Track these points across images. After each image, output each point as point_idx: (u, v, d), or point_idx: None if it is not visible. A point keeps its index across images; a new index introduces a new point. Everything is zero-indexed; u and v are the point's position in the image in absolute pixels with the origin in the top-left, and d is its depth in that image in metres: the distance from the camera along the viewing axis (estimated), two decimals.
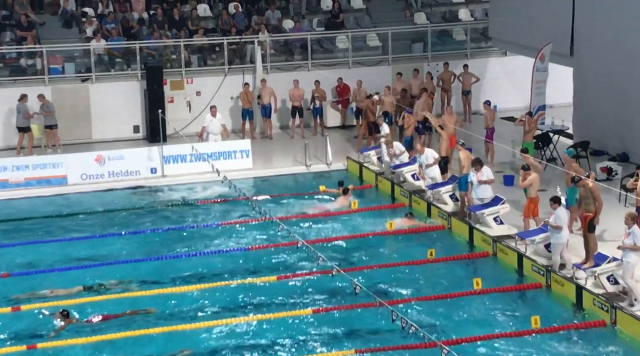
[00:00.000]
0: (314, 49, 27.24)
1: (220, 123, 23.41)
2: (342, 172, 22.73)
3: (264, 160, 23.62)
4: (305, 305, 15.01)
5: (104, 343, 13.71)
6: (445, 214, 18.73)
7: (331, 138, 23.48)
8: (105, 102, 24.86)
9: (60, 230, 18.85)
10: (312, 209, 19.88)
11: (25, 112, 23.28)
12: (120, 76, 25.68)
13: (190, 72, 26.13)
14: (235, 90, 25.79)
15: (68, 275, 16.35)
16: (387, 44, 27.51)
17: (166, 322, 14.40)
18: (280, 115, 26.35)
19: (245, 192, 18.42)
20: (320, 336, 13.98)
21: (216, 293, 15.55)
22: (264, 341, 13.86)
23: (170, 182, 22.14)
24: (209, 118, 23.43)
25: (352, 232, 18.56)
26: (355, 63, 27.33)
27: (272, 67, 26.71)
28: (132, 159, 22.21)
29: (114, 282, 15.87)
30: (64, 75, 25.24)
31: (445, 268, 16.67)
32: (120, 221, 19.46)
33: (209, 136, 23.31)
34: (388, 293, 15.40)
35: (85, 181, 21.79)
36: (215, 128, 23.35)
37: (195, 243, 17.98)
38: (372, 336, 13.91)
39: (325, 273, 14.95)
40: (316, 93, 25.71)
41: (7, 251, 17.66)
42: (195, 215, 19.78)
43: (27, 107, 23.32)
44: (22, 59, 25.26)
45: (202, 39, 26.79)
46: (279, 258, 17.10)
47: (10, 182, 21.27)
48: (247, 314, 14.68)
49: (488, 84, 27.24)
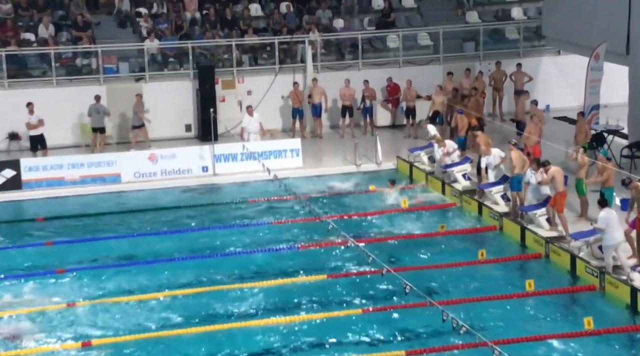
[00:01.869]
0: (364, 48, 27.22)
1: (257, 122, 23.49)
2: (392, 171, 22.67)
3: (313, 159, 23.68)
4: (355, 305, 15.02)
5: (155, 340, 13.86)
6: (496, 214, 18.58)
7: (381, 137, 23.44)
8: (158, 101, 25.15)
9: (113, 227, 19.12)
10: (362, 208, 19.87)
11: (103, 112, 23.65)
12: (172, 75, 25.97)
13: (241, 71, 26.31)
14: (285, 89, 25.89)
15: (120, 271, 16.59)
16: (438, 42, 27.36)
17: (216, 320, 14.51)
18: (330, 114, 26.39)
19: (295, 190, 18.50)
20: (370, 336, 13.98)
21: (266, 292, 15.63)
22: (313, 340, 13.89)
23: (221, 180, 22.32)
24: (247, 119, 23.54)
25: (402, 231, 18.52)
26: (406, 62, 27.24)
27: (322, 66, 26.75)
28: (183, 157, 22.44)
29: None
30: (118, 74, 25.61)
31: (496, 268, 16.55)
32: (172, 219, 19.67)
33: (250, 135, 23.43)
34: (438, 293, 15.33)
35: (138, 179, 22.07)
36: (254, 127, 23.47)
37: (245, 241, 18.10)
38: (422, 336, 13.88)
39: (375, 272, 14.93)
40: (366, 93, 25.69)
41: (62, 247, 17.95)
42: (245, 214, 19.91)
43: (103, 107, 23.64)
44: (77, 58, 25.69)
45: (253, 38, 26.95)
46: (329, 257, 17.13)
47: (66, 180, 21.65)
48: (296, 313, 14.73)
49: (541, 83, 26.93)
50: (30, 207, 20.81)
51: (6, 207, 20.77)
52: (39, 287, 15.85)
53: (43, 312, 14.87)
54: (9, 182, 21.24)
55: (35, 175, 21.44)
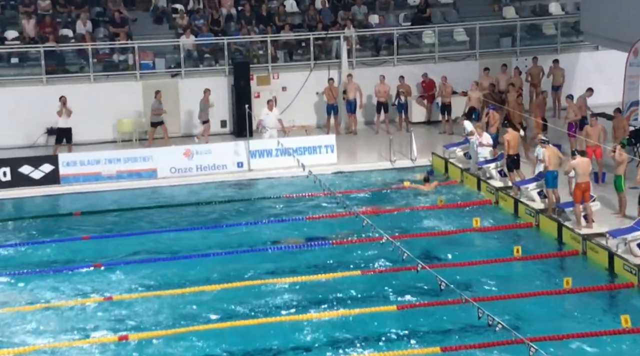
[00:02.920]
0: (399, 44, 27.13)
1: (276, 118, 23.37)
2: (427, 168, 22.57)
3: (348, 155, 23.65)
4: (390, 301, 14.98)
5: (190, 334, 13.94)
6: (532, 211, 18.42)
7: (416, 133, 23.35)
8: (194, 96, 25.26)
9: (149, 222, 19.25)
10: (395, 204, 19.81)
11: (156, 109, 23.82)
12: (208, 71, 26.07)
13: (276, 67, 26.36)
14: (320, 85, 25.88)
15: (156, 266, 16.70)
16: (475, 38, 27.18)
17: (250, 315, 14.55)
18: (365, 110, 26.34)
19: (329, 186, 18.50)
20: (405, 333, 13.94)
21: (299, 287, 15.65)
22: (348, 336, 13.88)
23: (255, 176, 22.39)
24: (265, 112, 23.48)
25: (436, 227, 18.44)
26: (442, 58, 27.10)
27: (358, 62, 26.70)
28: (219, 153, 22.55)
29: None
30: (154, 70, 25.77)
31: (533, 265, 16.41)
32: (206, 214, 19.76)
33: (264, 129, 23.39)
34: (473, 289, 15.25)
35: (174, 174, 22.21)
36: (271, 121, 23.43)
37: (279, 236, 18.13)
38: (457, 333, 13.81)
39: (409, 269, 14.86)
40: (401, 89, 25.60)
41: (99, 242, 18.11)
42: (279, 209, 19.95)
43: (158, 103, 23.86)
44: (114, 54, 25.90)
45: (289, 34, 26.98)
46: (363, 252, 17.11)
47: (103, 175, 21.85)
48: (330, 309, 14.74)
49: (578, 78, 26.61)
50: (67, 201, 21.03)
51: (44, 201, 21.02)
52: (76, 281, 16.01)
53: (80, 306, 15.02)
54: (47, 177, 21.49)
55: (72, 170, 21.66)
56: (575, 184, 17.19)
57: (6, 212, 20.34)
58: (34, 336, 13.96)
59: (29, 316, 14.65)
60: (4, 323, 14.37)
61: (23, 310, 14.83)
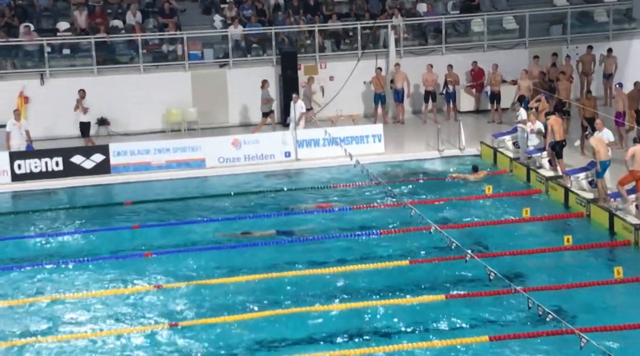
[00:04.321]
0: (447, 32, 26.92)
1: (298, 111, 23.17)
2: (475, 157, 22.41)
3: (395, 145, 23.58)
4: (438, 291, 14.91)
5: (238, 323, 14.02)
6: (583, 200, 18.17)
7: (464, 122, 23.17)
8: (242, 86, 25.41)
9: (198, 212, 19.40)
10: (444, 194, 19.70)
11: (266, 98, 24.06)
12: (255, 61, 26.17)
13: (323, 56, 26.35)
14: (367, 74, 25.83)
15: (205, 254, 16.83)
16: (524, 26, 26.86)
17: (298, 304, 14.59)
18: (413, 99, 26.22)
19: (377, 176, 18.42)
20: (453, 322, 13.86)
21: (348, 276, 15.65)
22: (396, 325, 13.85)
23: (303, 166, 22.44)
24: (292, 104, 23.41)
25: (485, 217, 18.30)
26: (490, 46, 26.84)
27: (405, 51, 26.58)
28: (266, 143, 22.64)
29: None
30: (202, 60, 25.95)
31: (584, 255, 16.20)
32: (255, 203, 19.85)
33: (289, 120, 23.33)
34: (523, 279, 15.10)
35: (222, 164, 22.37)
36: (292, 114, 23.33)
37: (326, 226, 18.15)
38: (506, 323, 13.69)
39: (458, 258, 14.78)
40: (449, 78, 25.42)
41: (149, 231, 18.30)
42: (327, 199, 19.96)
43: (267, 93, 24.06)
44: (163, 44, 26.14)
45: (336, 24, 26.93)
46: (411, 242, 17.04)
47: (152, 164, 22.09)
48: (377, 298, 14.71)
49: (631, 66, 26.16)
50: (118, 191, 21.31)
51: (95, 190, 21.34)
52: (126, 270, 16.21)
53: (131, 294, 15.21)
54: (98, 167, 21.80)
55: (123, 160, 21.94)
56: (631, 171, 16.91)
57: (58, 201, 20.68)
58: (86, 324, 14.18)
59: (81, 304, 14.88)
60: (57, 311, 14.61)
61: (74, 298, 15.06)
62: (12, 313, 14.57)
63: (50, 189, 21.31)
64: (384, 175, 20.83)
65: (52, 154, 21.74)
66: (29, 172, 21.50)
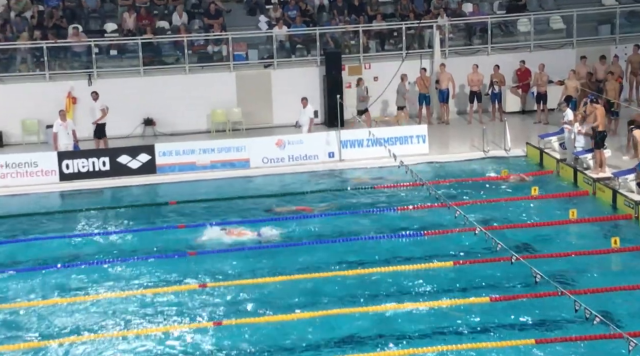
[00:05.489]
0: (493, 32, 26.69)
1: (308, 116, 23.13)
2: (521, 158, 22.18)
3: (440, 145, 23.44)
4: (482, 292, 14.78)
5: (281, 323, 14.05)
6: (631, 202, 17.88)
7: (510, 123, 22.95)
8: (286, 87, 25.46)
9: (241, 212, 19.46)
10: (489, 195, 19.52)
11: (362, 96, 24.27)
12: (300, 62, 26.22)
13: (367, 57, 26.30)
14: (412, 75, 25.70)
15: (250, 255, 16.89)
16: (572, 26, 26.52)
17: (341, 305, 14.57)
18: (458, 100, 26.04)
19: (421, 176, 18.34)
20: (498, 325, 13.73)
21: (391, 277, 15.58)
22: (440, 326, 13.76)
23: (347, 166, 22.42)
24: (301, 109, 23.30)
25: (531, 219, 18.11)
26: (537, 46, 26.56)
27: (450, 51, 26.41)
28: (310, 143, 22.66)
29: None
30: (247, 61, 26.07)
31: (632, 257, 15.93)
32: (298, 204, 19.86)
33: (299, 126, 23.38)
34: (569, 282, 14.90)
35: (266, 164, 22.44)
36: (303, 119, 23.29)
37: (370, 227, 18.10)
38: (553, 326, 13.52)
39: (503, 260, 14.65)
40: (495, 78, 25.21)
41: (193, 230, 18.39)
42: (371, 200, 19.91)
43: (362, 90, 24.23)
44: (208, 45, 26.31)
45: (381, 24, 26.87)
46: (455, 243, 16.92)
47: (197, 164, 22.25)
48: (421, 299, 14.63)
49: None
50: (163, 190, 21.50)
51: (141, 190, 21.55)
52: (171, 268, 16.33)
53: (176, 293, 15.31)
54: (144, 166, 22.02)
55: (168, 160, 22.13)
56: None
57: (105, 201, 20.93)
58: (130, 322, 14.31)
59: (126, 302, 15.03)
60: (103, 309, 14.78)
61: (121, 296, 15.22)
62: (60, 311, 14.77)
63: (97, 189, 21.59)
64: (428, 175, 20.71)
65: (99, 154, 22.02)
66: (76, 171, 21.79)
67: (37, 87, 24.81)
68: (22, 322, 14.36)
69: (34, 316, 14.54)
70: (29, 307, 14.83)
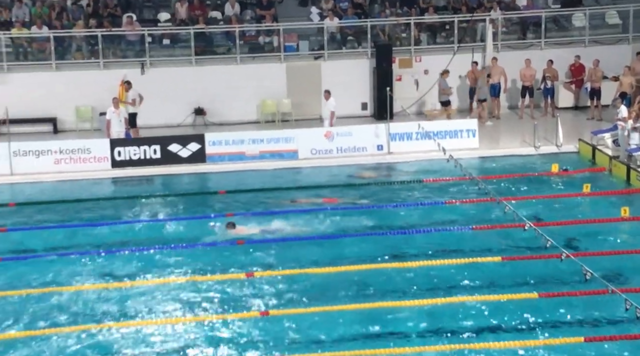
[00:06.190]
0: (547, 27, 26.37)
1: (328, 109, 23.03)
2: (573, 154, 21.90)
3: (490, 140, 23.25)
4: (531, 288, 14.63)
5: (332, 313, 14.06)
6: None
7: (562, 119, 22.66)
8: (335, 79, 25.45)
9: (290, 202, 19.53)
10: (539, 191, 19.31)
11: (445, 88, 24.47)
12: (350, 54, 26.18)
13: (418, 50, 26.17)
14: (463, 68, 25.53)
15: (297, 245, 16.93)
16: (628, 21, 26.09)
17: (388, 298, 14.54)
18: (510, 94, 25.79)
19: (470, 171, 18.19)
20: (547, 321, 13.59)
21: (439, 271, 15.51)
22: (488, 322, 13.67)
23: (395, 159, 22.35)
24: (323, 102, 23.16)
25: (582, 216, 17.86)
26: (592, 41, 26.16)
27: (503, 45, 26.15)
28: (359, 135, 22.64)
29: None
30: (297, 52, 26.12)
31: None
32: (345, 196, 19.85)
33: (324, 120, 23.31)
34: (620, 280, 14.68)
35: (315, 156, 22.47)
36: (324, 112, 23.15)
37: (418, 220, 18.03)
38: (603, 324, 13.35)
39: (553, 257, 14.48)
40: (547, 73, 24.91)
41: (242, 219, 18.47)
42: (419, 193, 19.83)
43: (445, 82, 24.46)
44: (260, 36, 26.41)
45: (433, 17, 26.70)
46: (504, 239, 16.77)
47: (246, 155, 22.37)
48: (468, 294, 14.54)
49: None
50: (212, 179, 21.66)
51: (191, 179, 21.75)
52: (219, 257, 16.45)
53: (222, 281, 15.42)
54: (194, 155, 22.22)
55: (218, 150, 22.29)
56: None
57: (155, 188, 21.16)
58: (179, 309, 14.46)
59: (175, 290, 15.17)
60: (151, 295, 14.95)
61: (168, 282, 15.38)
62: (110, 296, 14.98)
63: (148, 176, 21.84)
64: (478, 170, 20.55)
65: (150, 142, 22.27)
66: (128, 159, 22.07)
67: (91, 74, 25.18)
68: (71, 306, 14.58)
69: (80, 301, 14.75)
70: (77, 291, 15.05)
